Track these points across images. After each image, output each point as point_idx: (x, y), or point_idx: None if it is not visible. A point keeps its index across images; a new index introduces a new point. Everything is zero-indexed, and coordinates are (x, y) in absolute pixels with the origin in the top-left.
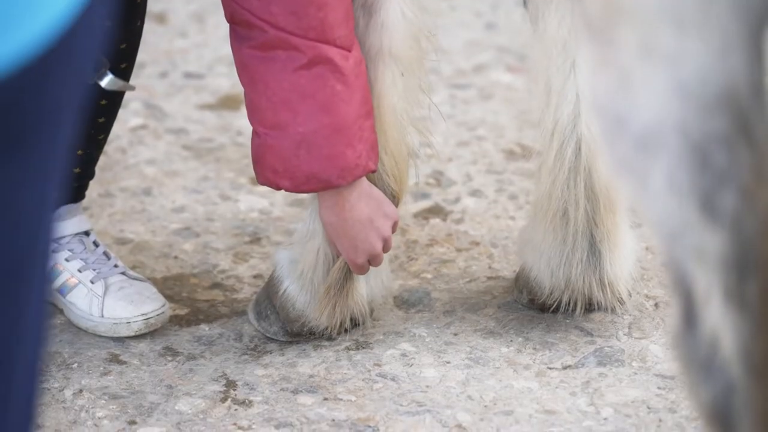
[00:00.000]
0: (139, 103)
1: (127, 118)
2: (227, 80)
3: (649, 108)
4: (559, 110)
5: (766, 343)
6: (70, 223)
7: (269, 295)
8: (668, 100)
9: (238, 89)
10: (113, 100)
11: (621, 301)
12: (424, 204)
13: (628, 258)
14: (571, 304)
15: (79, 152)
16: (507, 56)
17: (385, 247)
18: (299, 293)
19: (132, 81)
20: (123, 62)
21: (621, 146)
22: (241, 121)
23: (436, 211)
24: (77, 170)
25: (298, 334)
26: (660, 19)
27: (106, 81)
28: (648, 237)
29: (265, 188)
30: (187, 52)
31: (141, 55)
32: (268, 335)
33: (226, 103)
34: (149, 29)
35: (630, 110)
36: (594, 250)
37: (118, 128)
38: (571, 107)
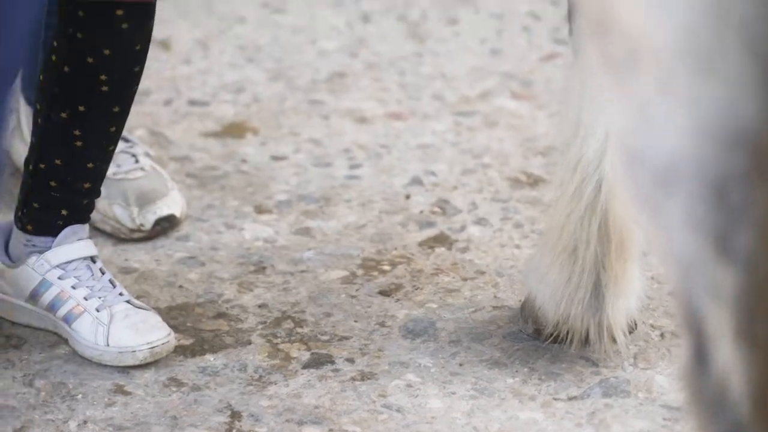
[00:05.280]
0: (143, 130)
1: None
2: (232, 107)
3: (666, 144)
4: (586, 145)
5: None
6: (77, 246)
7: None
8: (686, 137)
9: (243, 116)
10: (124, 109)
11: (615, 342)
12: (429, 232)
13: (632, 304)
14: (569, 338)
15: (90, 165)
16: (512, 83)
17: None
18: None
19: (136, 107)
20: (115, 106)
21: (639, 181)
22: (245, 149)
23: (441, 239)
24: (87, 185)
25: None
26: (677, 59)
27: None
28: (654, 266)
29: (269, 217)
30: (191, 78)
31: (145, 82)
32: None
33: (230, 130)
34: (153, 56)
35: (648, 146)
36: (598, 293)
37: None
38: (598, 144)
